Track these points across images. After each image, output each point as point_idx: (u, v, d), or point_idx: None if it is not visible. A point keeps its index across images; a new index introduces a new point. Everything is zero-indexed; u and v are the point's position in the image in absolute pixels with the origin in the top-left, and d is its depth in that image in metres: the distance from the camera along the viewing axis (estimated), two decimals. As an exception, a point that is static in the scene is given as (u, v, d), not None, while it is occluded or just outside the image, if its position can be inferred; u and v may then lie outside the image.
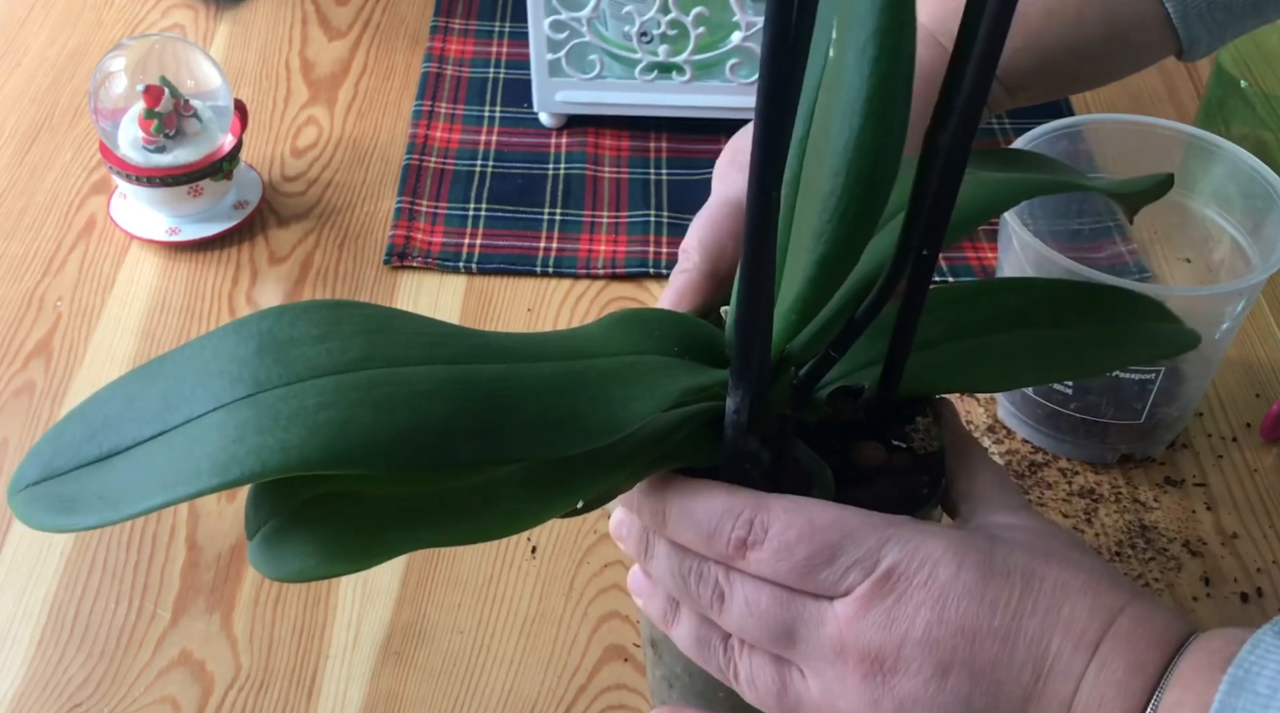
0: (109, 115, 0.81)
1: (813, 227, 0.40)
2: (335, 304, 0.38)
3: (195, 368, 0.35)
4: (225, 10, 1.02)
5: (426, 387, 0.35)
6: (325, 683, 0.61)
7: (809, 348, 0.44)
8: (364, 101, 0.94)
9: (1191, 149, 0.70)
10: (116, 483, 0.34)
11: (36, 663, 0.62)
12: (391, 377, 0.35)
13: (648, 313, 0.45)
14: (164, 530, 0.67)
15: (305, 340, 0.36)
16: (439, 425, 0.35)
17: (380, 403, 0.34)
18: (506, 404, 0.36)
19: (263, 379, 0.34)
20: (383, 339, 0.37)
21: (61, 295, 0.80)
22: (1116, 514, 0.68)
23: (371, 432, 0.34)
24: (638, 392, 0.39)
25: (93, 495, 0.34)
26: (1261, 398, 0.74)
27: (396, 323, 0.38)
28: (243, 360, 0.35)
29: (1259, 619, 0.63)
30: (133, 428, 0.34)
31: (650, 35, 0.85)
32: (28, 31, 1.00)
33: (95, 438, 0.35)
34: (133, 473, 0.34)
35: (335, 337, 0.36)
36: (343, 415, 0.34)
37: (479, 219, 0.85)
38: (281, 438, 0.33)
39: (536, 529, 0.67)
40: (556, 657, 0.62)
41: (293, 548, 0.35)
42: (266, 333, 0.36)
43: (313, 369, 0.35)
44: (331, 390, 0.34)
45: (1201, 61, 0.97)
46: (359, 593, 0.65)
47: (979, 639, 0.38)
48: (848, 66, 0.37)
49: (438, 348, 0.37)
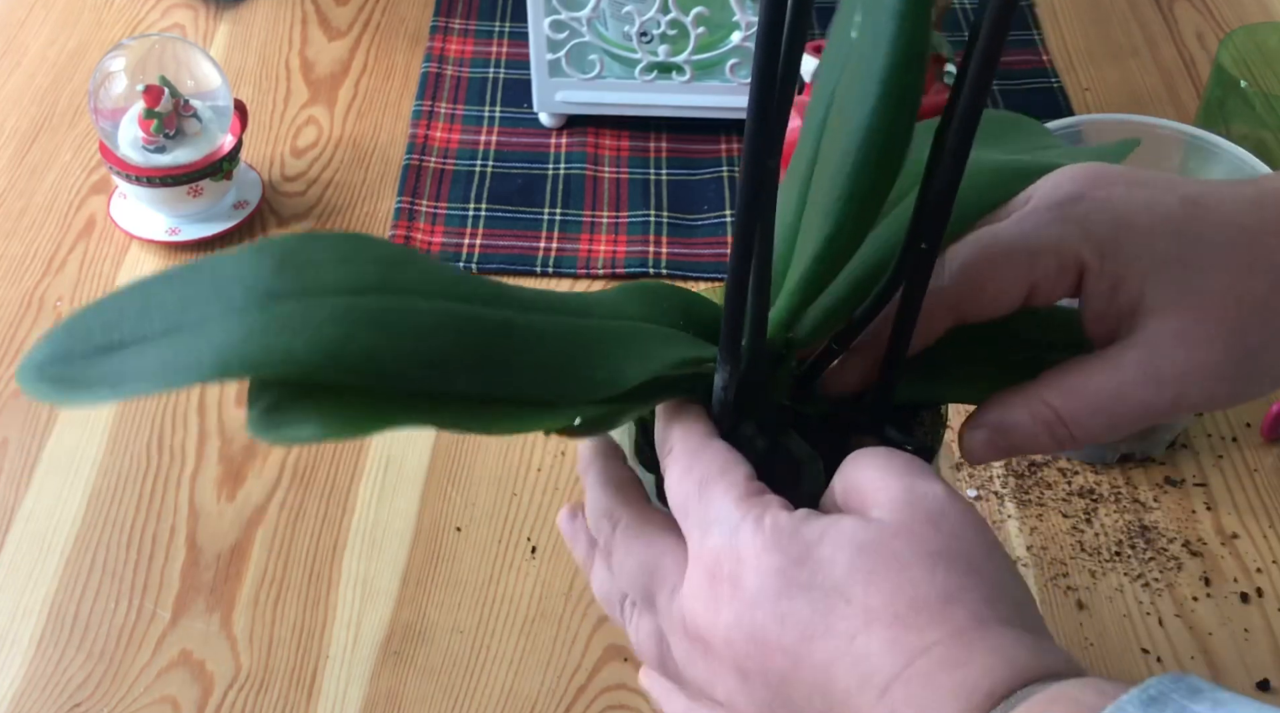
0: (109, 115, 0.81)
1: (823, 206, 0.40)
2: (357, 237, 0.39)
3: (214, 277, 0.36)
4: (225, 10, 1.02)
5: (434, 320, 0.37)
6: (325, 683, 0.61)
7: (812, 337, 0.44)
8: (364, 101, 0.94)
9: (1191, 149, 0.70)
10: (121, 368, 0.35)
11: (36, 663, 0.62)
12: (402, 304, 0.37)
13: (660, 286, 0.46)
14: (164, 530, 0.67)
15: (324, 263, 0.37)
16: (440, 354, 0.36)
17: (388, 325, 0.36)
18: (508, 346, 0.38)
19: (277, 291, 0.36)
20: (399, 271, 0.38)
21: (61, 295, 0.80)
22: (1116, 514, 0.68)
23: (374, 350, 0.35)
24: (634, 355, 0.40)
25: (95, 377, 0.35)
26: (1261, 398, 0.74)
27: (415, 260, 0.39)
28: (260, 274, 0.36)
29: (1259, 619, 0.63)
30: (145, 324, 0.36)
31: (650, 35, 0.85)
32: (28, 31, 1.00)
33: (107, 329, 0.36)
34: (139, 361, 0.35)
35: (354, 263, 0.37)
36: (349, 332, 0.35)
37: (479, 219, 0.85)
38: (287, 342, 0.34)
39: (536, 529, 0.67)
40: (556, 657, 0.62)
41: (294, 416, 0.36)
42: (288, 253, 0.37)
43: (326, 288, 0.36)
44: (343, 309, 0.36)
45: (1201, 61, 0.97)
46: (359, 593, 0.65)
47: (769, 652, 0.36)
48: (866, 45, 0.37)
49: (451, 287, 0.38)
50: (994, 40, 0.35)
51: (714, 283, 0.80)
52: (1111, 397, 0.41)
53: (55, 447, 0.71)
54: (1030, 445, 0.43)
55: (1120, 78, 0.96)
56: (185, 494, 0.69)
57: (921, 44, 0.36)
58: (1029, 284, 0.42)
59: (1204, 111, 0.86)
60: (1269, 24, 0.87)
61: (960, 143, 0.37)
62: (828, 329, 0.44)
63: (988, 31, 0.35)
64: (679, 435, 0.41)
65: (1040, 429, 0.42)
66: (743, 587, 0.36)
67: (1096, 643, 0.63)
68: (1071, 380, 0.42)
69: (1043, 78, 0.96)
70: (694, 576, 0.38)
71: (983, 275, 0.42)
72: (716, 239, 0.83)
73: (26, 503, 0.69)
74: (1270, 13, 1.02)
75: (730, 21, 0.84)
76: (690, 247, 0.83)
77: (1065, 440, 0.42)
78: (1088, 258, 0.42)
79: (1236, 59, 0.85)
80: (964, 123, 0.37)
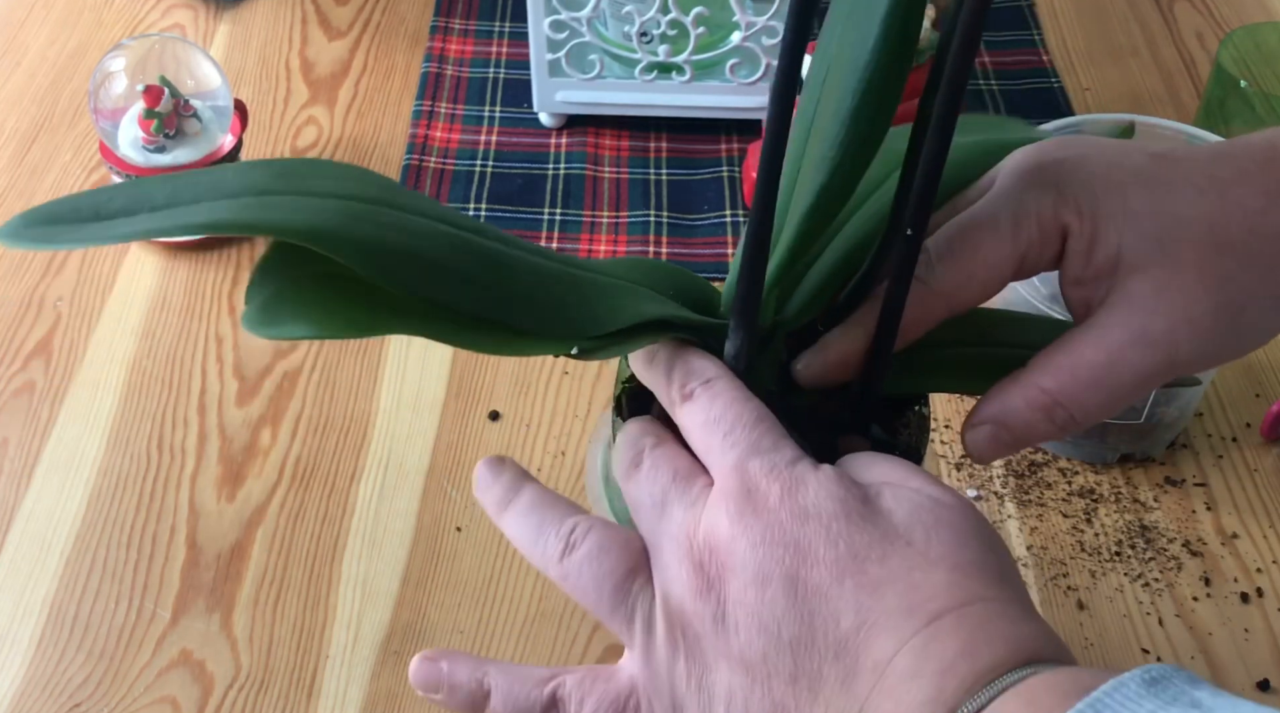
0: (109, 115, 0.81)
1: (818, 159, 0.39)
2: (359, 169, 0.39)
3: (213, 179, 0.36)
4: (225, 10, 1.02)
5: (431, 232, 0.37)
6: (325, 683, 0.61)
7: (800, 316, 0.44)
8: (364, 101, 0.94)
9: (1191, 149, 0.70)
10: (108, 229, 0.35)
11: (36, 663, 0.62)
12: (398, 217, 0.36)
13: (657, 262, 0.46)
14: (164, 530, 0.67)
15: (324, 176, 0.37)
16: (434, 260, 0.36)
17: (384, 224, 0.36)
18: (503, 273, 0.38)
19: (275, 189, 0.36)
20: (397, 195, 0.38)
21: (61, 295, 0.80)
22: (1116, 514, 0.68)
23: (369, 239, 0.35)
24: (622, 304, 0.40)
25: (83, 233, 0.34)
26: (1261, 398, 0.74)
27: (414, 195, 0.39)
28: (259, 180, 0.36)
29: (1259, 619, 0.63)
30: (136, 203, 0.35)
31: (650, 35, 0.85)
32: (28, 31, 1.00)
33: (97, 206, 0.36)
34: (128, 225, 0.35)
35: (352, 182, 0.37)
36: (344, 222, 0.35)
37: (479, 219, 0.84)
38: (279, 216, 0.34)
39: (536, 529, 0.67)
40: (556, 657, 0.62)
41: (289, 312, 0.35)
42: (289, 167, 0.37)
43: (325, 194, 0.36)
44: (341, 206, 0.35)
45: (1201, 61, 0.97)
46: (359, 593, 0.65)
47: (810, 564, 0.35)
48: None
49: (448, 215, 0.38)
50: (977, 8, 0.34)
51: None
52: (1104, 367, 0.41)
53: (55, 447, 0.71)
54: (1033, 434, 0.42)
55: (1120, 78, 0.96)
56: (185, 494, 0.69)
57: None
58: (1017, 257, 0.42)
59: (1204, 111, 0.86)
60: (1269, 24, 0.87)
61: (945, 115, 0.37)
62: (815, 308, 0.44)
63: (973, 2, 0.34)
64: (696, 369, 0.40)
65: (1039, 416, 0.41)
66: (793, 501, 0.35)
67: (1096, 643, 0.63)
68: (1060, 359, 0.41)
69: (1042, 78, 0.96)
70: (728, 490, 0.37)
71: (970, 259, 0.42)
72: (716, 239, 0.83)
73: (26, 503, 0.69)
74: (1270, 13, 1.02)
75: (730, 22, 0.84)
76: (690, 246, 0.83)
77: (1067, 423, 0.42)
78: (1068, 218, 0.41)
79: (1236, 59, 0.85)
80: (949, 93, 0.36)
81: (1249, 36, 0.85)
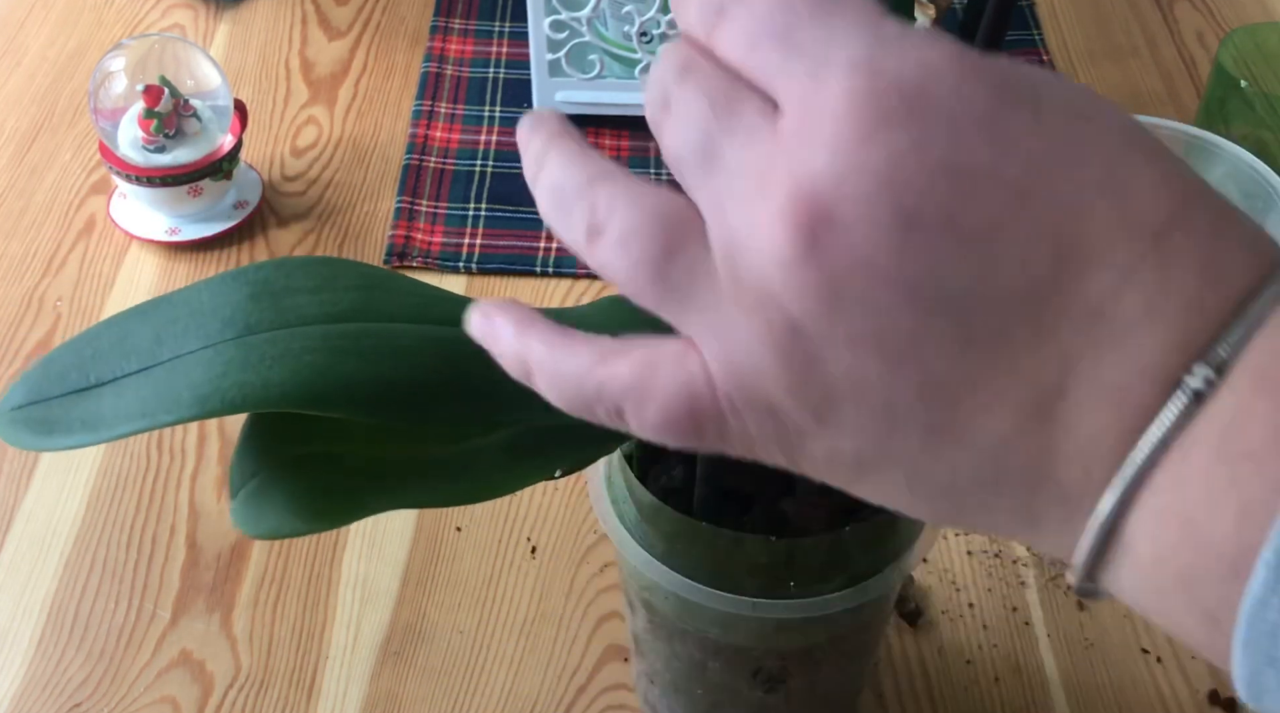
0: (109, 115, 0.81)
1: None
2: (332, 261, 0.38)
3: (189, 309, 0.36)
4: (225, 10, 1.02)
5: (414, 343, 0.36)
6: (325, 683, 0.61)
7: None
8: (364, 101, 0.94)
9: (1191, 149, 0.70)
10: (99, 409, 0.35)
11: (36, 663, 0.62)
12: (380, 330, 0.36)
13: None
14: (164, 530, 0.67)
15: (300, 290, 0.37)
16: (422, 379, 0.36)
17: (365, 352, 0.35)
18: (491, 371, 0.36)
19: (254, 323, 0.35)
20: (376, 296, 0.37)
21: (61, 295, 0.80)
22: (1116, 514, 0.68)
23: (353, 378, 0.35)
24: None
25: (75, 420, 0.35)
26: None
27: (392, 283, 0.39)
28: (236, 304, 0.36)
29: (1259, 619, 0.63)
30: (121, 361, 0.35)
31: (650, 35, 0.85)
32: (28, 31, 1.00)
33: (83, 368, 0.36)
34: (116, 401, 0.35)
35: (329, 290, 0.37)
36: (327, 361, 0.35)
37: (479, 219, 0.85)
38: (264, 375, 0.34)
39: (536, 529, 0.67)
40: (556, 657, 0.62)
41: (273, 506, 0.35)
42: (263, 282, 0.37)
43: (304, 317, 0.36)
44: (319, 337, 0.35)
45: (1201, 61, 0.97)
46: (359, 593, 0.65)
47: (977, 192, 0.25)
48: None
49: (430, 309, 0.38)
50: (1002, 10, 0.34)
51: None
52: None
53: (55, 447, 0.71)
54: None
55: (1120, 78, 0.96)
56: (185, 494, 0.69)
57: None
58: None
59: (1204, 111, 0.86)
60: (1269, 24, 0.87)
61: None
62: None
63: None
64: None
65: None
66: (927, 107, 0.25)
67: (1096, 643, 0.63)
68: None
69: (1043, 78, 0.96)
70: (825, 108, 0.26)
71: None
72: (716, 239, 0.83)
73: (26, 503, 0.69)
74: (1270, 13, 1.02)
75: (730, 21, 0.84)
76: (690, 247, 0.83)
77: None
78: None
79: (1237, 59, 0.85)
80: None
81: (1249, 36, 0.85)
